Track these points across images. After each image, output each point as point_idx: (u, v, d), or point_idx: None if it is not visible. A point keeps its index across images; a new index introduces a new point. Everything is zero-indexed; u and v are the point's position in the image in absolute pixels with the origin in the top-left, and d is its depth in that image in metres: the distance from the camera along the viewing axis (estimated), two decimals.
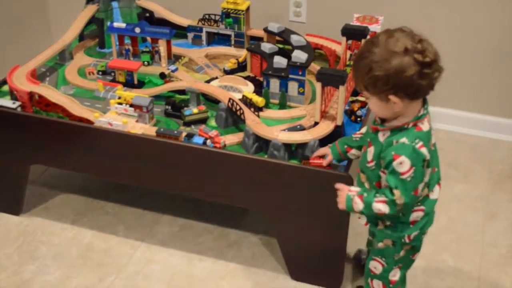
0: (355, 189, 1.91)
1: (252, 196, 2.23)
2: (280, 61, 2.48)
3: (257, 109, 2.37)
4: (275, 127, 2.28)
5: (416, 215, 1.90)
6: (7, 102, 2.41)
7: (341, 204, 1.92)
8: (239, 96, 2.43)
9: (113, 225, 2.55)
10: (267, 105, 2.45)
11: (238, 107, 2.31)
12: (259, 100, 2.39)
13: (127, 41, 2.79)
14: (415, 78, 1.70)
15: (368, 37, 2.53)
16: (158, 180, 2.33)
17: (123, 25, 2.72)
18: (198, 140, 2.24)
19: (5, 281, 2.32)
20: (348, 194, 1.90)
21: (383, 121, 1.85)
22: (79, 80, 2.64)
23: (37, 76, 2.60)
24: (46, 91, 2.43)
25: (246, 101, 2.38)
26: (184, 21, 2.96)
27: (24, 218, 2.60)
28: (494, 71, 3.04)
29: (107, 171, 2.39)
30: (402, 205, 1.80)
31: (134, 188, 2.71)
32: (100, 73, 2.70)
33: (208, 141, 2.24)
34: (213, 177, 2.24)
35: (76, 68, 2.72)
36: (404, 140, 1.77)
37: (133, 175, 2.35)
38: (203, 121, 2.41)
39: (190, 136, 2.26)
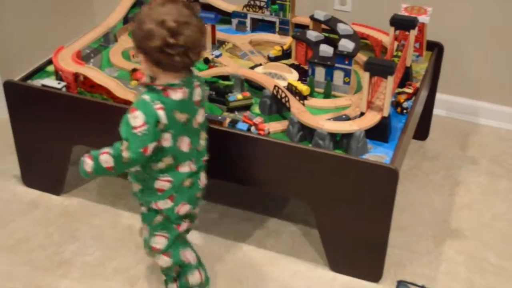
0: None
1: (295, 185, 2.21)
2: (326, 50, 2.45)
3: (302, 97, 2.34)
4: (320, 116, 2.26)
5: (162, 184, 1.94)
6: (52, 82, 2.42)
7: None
8: (284, 83, 2.40)
9: None
10: (311, 94, 2.43)
11: (283, 95, 2.29)
12: (304, 89, 2.36)
13: None
14: (156, 51, 1.78)
15: (417, 28, 2.49)
16: None
17: None
18: (242, 126, 2.23)
19: (46, 261, 2.34)
20: (82, 158, 1.93)
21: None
22: (123, 62, 2.63)
23: (82, 57, 2.60)
24: (91, 72, 2.43)
25: (291, 89, 2.35)
26: (229, 7, 2.94)
27: (64, 198, 2.61)
28: None
29: None
30: (128, 159, 1.83)
31: None
32: None
33: (253, 128, 2.22)
34: (256, 164, 2.22)
35: (120, 51, 2.72)
36: (145, 97, 1.84)
37: None
38: (247, 107, 2.39)
39: (234, 122, 2.25)
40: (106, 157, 1.88)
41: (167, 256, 2.06)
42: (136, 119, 1.81)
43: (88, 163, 1.92)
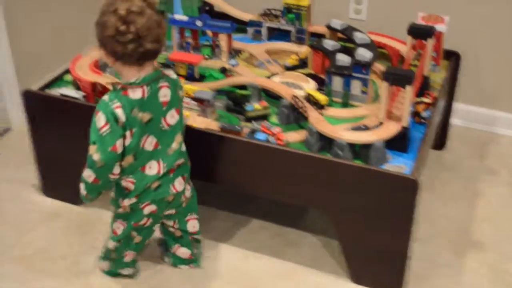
0: None
1: (314, 195, 2.20)
2: (343, 59, 2.44)
3: (320, 107, 2.33)
4: (338, 126, 2.25)
5: (125, 184, 2.03)
6: (71, 92, 2.42)
7: None
8: (301, 93, 2.39)
9: None
10: (329, 103, 2.42)
11: (301, 105, 2.28)
12: (322, 98, 2.36)
13: (187, 34, 2.78)
14: (110, 40, 1.85)
15: (434, 37, 2.48)
16: (217, 175, 2.32)
17: (185, 17, 2.71)
18: (260, 136, 2.22)
19: (65, 271, 2.33)
20: None
21: None
22: None
23: (99, 66, 2.60)
24: (109, 81, 2.43)
25: (309, 98, 2.34)
26: (244, 16, 2.94)
27: (84, 209, 2.61)
28: None
29: None
30: (100, 161, 1.91)
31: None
32: (161, 65, 2.69)
33: (271, 138, 2.22)
34: (274, 174, 2.21)
35: None
36: (105, 97, 1.93)
37: (192, 168, 2.33)
38: (264, 117, 2.38)
39: (252, 132, 2.24)
40: (86, 172, 1.98)
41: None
42: (99, 120, 1.91)
43: (81, 187, 2.02)
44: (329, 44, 2.56)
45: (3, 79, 2.99)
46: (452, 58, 2.72)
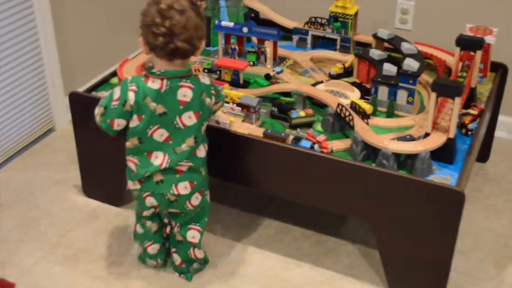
0: None
1: (357, 204, 2.19)
2: (389, 69, 2.43)
3: (365, 116, 2.33)
4: (383, 135, 2.24)
5: (130, 164, 2.12)
6: None
7: None
8: (346, 101, 2.39)
9: (210, 224, 2.55)
10: (374, 113, 2.41)
11: (347, 113, 2.27)
12: (367, 107, 2.35)
13: (233, 40, 2.79)
14: (146, 28, 1.96)
15: (483, 49, 2.46)
16: (260, 182, 2.32)
17: (231, 24, 2.73)
18: (305, 144, 2.22)
19: (105, 271, 2.36)
20: None
21: None
22: None
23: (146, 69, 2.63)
24: None
25: (355, 107, 2.34)
26: (289, 23, 2.94)
27: (124, 210, 2.64)
28: None
29: (209, 169, 2.39)
30: (98, 123, 2.08)
31: (232, 187, 2.71)
32: (206, 70, 2.71)
33: (316, 146, 2.21)
34: (318, 182, 2.21)
35: None
36: (128, 77, 2.05)
37: (236, 175, 2.35)
38: (309, 125, 2.38)
39: (297, 139, 2.24)
40: (96, 109, 2.10)
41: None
42: (115, 93, 2.04)
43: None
44: (375, 53, 2.55)
45: (49, 81, 3.04)
46: (499, 70, 2.69)
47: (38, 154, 2.98)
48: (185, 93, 2.03)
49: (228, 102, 2.40)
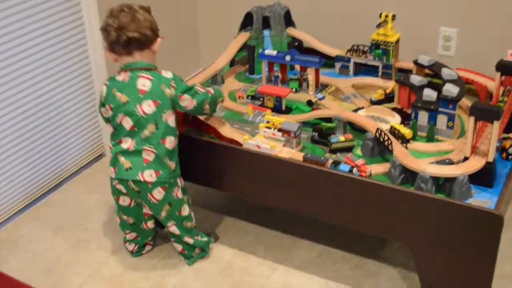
0: None
1: (395, 227, 2.21)
2: (429, 94, 2.46)
3: (405, 140, 2.36)
4: (422, 159, 2.26)
5: (109, 149, 2.40)
6: None
7: None
8: (386, 127, 2.43)
9: (253, 245, 2.61)
10: (414, 137, 2.44)
11: (386, 138, 2.31)
12: (406, 132, 2.38)
13: (276, 68, 2.87)
14: (104, 34, 2.30)
15: None
16: (300, 204, 2.36)
17: (274, 52, 2.81)
18: (344, 167, 2.26)
19: None
20: None
21: None
22: (229, 103, 2.74)
23: None
24: None
25: (394, 132, 2.37)
26: (332, 51, 3.00)
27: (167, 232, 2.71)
28: None
29: (251, 192, 2.45)
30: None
31: (274, 210, 2.76)
32: (250, 97, 2.79)
33: (354, 169, 2.25)
34: (357, 205, 2.24)
35: (227, 92, 2.83)
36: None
37: (277, 197, 2.40)
38: (349, 149, 2.43)
39: (336, 163, 2.29)
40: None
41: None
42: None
43: None
44: (416, 79, 2.59)
45: None
46: None
47: (89, 179, 3.10)
48: (144, 83, 2.29)
49: (269, 128, 2.47)
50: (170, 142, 2.33)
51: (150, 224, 2.53)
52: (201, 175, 2.56)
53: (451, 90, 2.40)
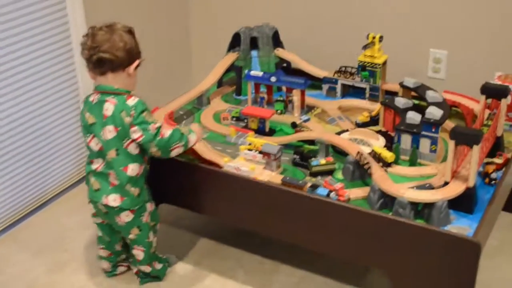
0: None
1: (373, 253, 2.16)
2: (413, 117, 2.42)
3: (386, 164, 2.31)
4: (402, 184, 2.22)
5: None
6: None
7: None
8: (368, 150, 2.39)
9: (233, 269, 2.56)
10: (396, 161, 2.39)
11: (365, 161, 2.27)
12: (388, 156, 2.34)
13: (262, 89, 2.84)
14: (81, 52, 2.24)
15: (509, 97, 2.43)
16: (279, 229, 2.32)
17: (260, 73, 2.79)
18: (322, 191, 2.22)
19: None
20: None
21: None
22: (213, 124, 2.71)
23: (174, 118, 2.70)
24: None
25: (375, 155, 2.33)
26: (320, 72, 2.98)
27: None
28: None
29: (231, 215, 2.42)
30: None
31: (254, 234, 2.71)
32: (234, 119, 2.76)
33: (333, 194, 2.21)
34: (334, 230, 2.19)
35: (212, 113, 2.81)
36: None
37: (256, 221, 2.36)
38: (330, 172, 2.39)
39: (314, 187, 2.25)
40: None
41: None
42: None
43: None
44: (400, 102, 2.55)
45: None
46: None
47: (72, 200, 3.06)
48: (107, 108, 2.22)
49: (251, 150, 2.44)
50: (133, 169, 2.26)
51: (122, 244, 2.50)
52: (181, 198, 2.53)
53: (434, 113, 2.36)
